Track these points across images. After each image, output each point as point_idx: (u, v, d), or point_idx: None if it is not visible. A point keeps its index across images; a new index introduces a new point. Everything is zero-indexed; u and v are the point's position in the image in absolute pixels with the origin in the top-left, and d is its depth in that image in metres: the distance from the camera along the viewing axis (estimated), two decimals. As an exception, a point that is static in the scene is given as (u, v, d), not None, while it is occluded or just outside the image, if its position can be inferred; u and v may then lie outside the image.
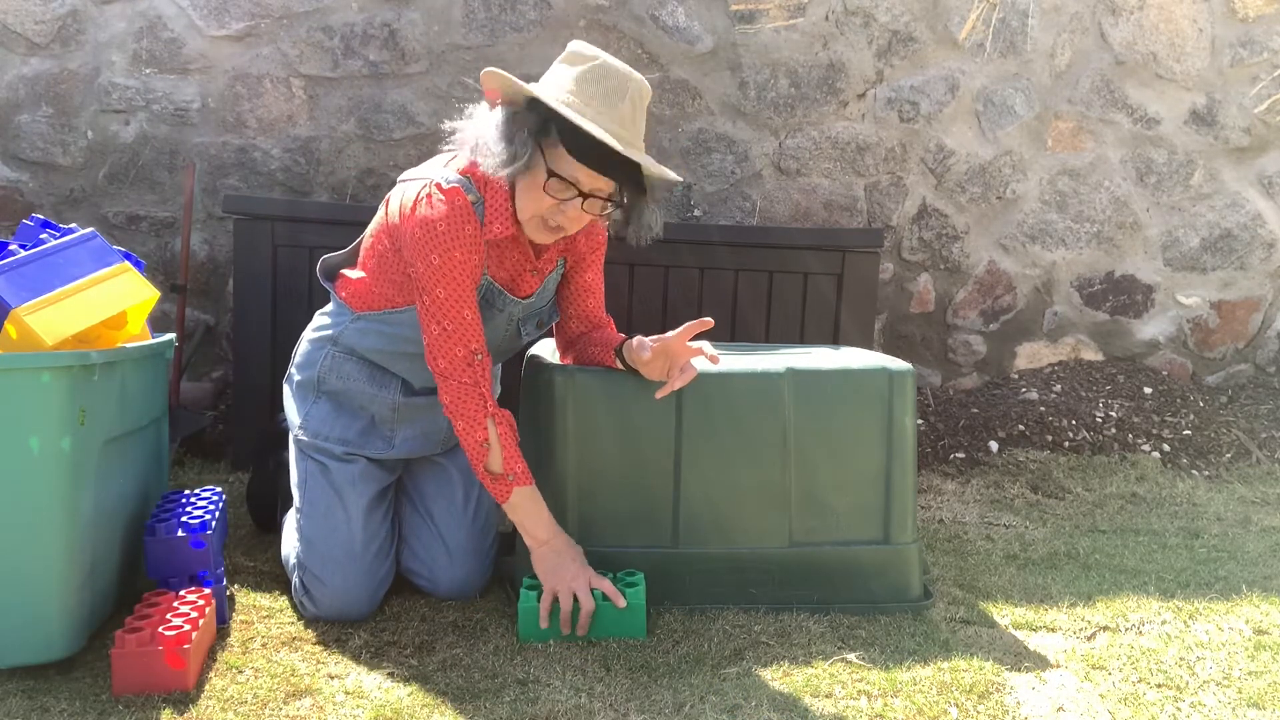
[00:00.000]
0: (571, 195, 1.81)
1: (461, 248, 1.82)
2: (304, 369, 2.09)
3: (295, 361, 2.13)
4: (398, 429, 2.05)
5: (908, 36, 3.65)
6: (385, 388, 2.03)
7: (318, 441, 2.03)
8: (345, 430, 2.03)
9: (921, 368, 3.76)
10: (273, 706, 1.58)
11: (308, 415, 2.06)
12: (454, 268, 1.83)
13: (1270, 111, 3.79)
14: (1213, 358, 3.91)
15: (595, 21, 3.51)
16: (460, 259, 1.83)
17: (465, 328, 1.85)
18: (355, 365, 2.03)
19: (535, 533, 1.88)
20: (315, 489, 2.00)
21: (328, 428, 2.03)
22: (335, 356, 2.04)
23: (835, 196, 3.69)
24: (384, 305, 1.98)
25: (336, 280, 2.10)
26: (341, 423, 2.04)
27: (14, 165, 3.41)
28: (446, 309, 1.84)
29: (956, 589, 2.20)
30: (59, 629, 1.62)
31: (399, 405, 2.04)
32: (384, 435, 2.05)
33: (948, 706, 1.62)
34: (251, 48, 3.43)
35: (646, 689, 1.66)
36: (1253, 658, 1.87)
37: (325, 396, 2.06)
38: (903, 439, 2.04)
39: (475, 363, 1.86)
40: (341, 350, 2.04)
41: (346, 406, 2.05)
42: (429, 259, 1.82)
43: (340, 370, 2.04)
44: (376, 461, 2.04)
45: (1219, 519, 2.86)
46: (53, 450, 1.59)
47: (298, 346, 2.15)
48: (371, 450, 2.03)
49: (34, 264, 1.76)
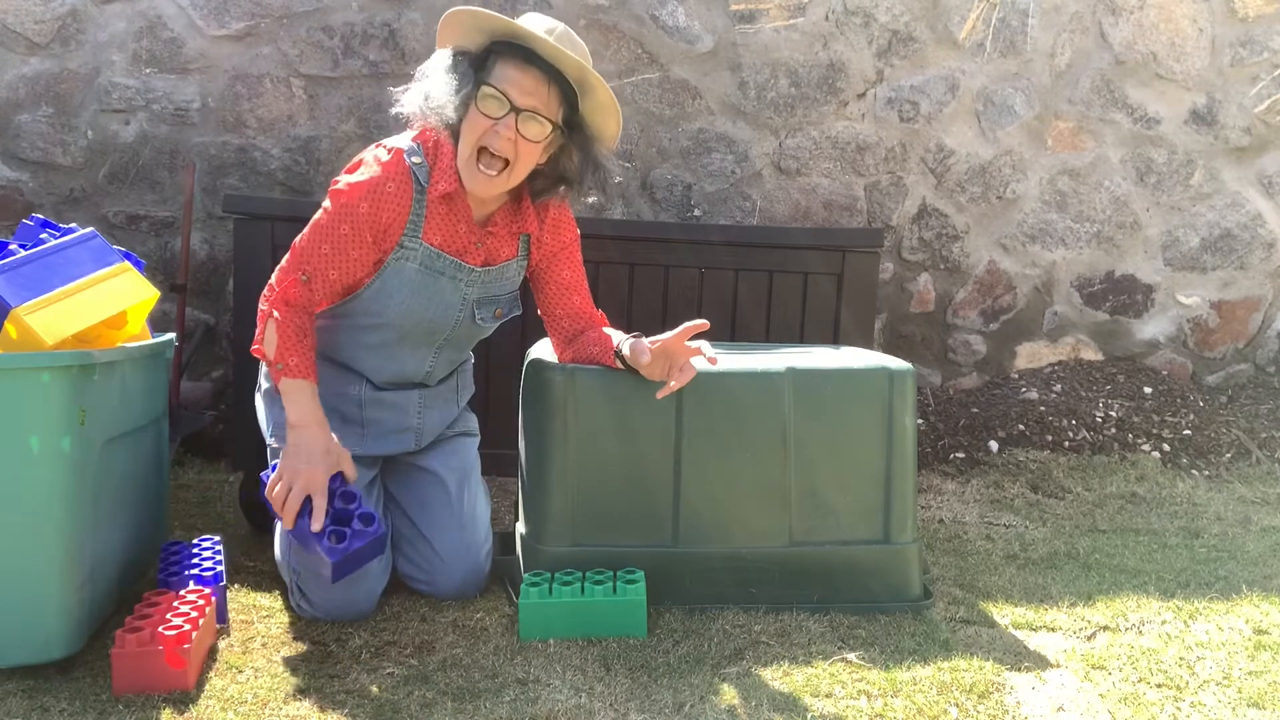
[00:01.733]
0: (505, 111, 1.83)
1: (370, 201, 1.88)
2: (269, 376, 2.09)
3: (262, 370, 2.14)
4: (367, 426, 2.06)
5: (908, 36, 3.65)
6: (349, 385, 2.05)
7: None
8: None
9: (921, 368, 3.76)
10: (273, 706, 1.58)
11: (277, 422, 2.05)
12: (348, 211, 1.88)
13: (1270, 111, 3.79)
14: (1213, 358, 3.91)
15: (595, 21, 3.51)
16: (364, 212, 1.88)
17: (311, 252, 1.91)
18: (320, 365, 2.02)
19: (290, 415, 1.88)
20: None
21: None
22: None
23: (835, 196, 3.69)
24: (341, 296, 1.99)
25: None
26: None
27: (14, 165, 3.41)
28: (311, 232, 1.91)
29: (956, 589, 2.20)
30: (59, 629, 1.62)
31: (365, 401, 2.05)
32: (355, 433, 2.05)
33: (948, 706, 1.62)
34: (251, 47, 3.43)
35: (646, 689, 1.66)
36: (1253, 658, 1.87)
37: None
38: (903, 439, 2.04)
39: (295, 278, 1.92)
40: None
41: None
42: (337, 191, 1.90)
43: None
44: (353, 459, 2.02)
45: (1219, 519, 2.86)
46: (53, 450, 1.59)
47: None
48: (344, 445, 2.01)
49: (34, 264, 1.76)
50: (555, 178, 1.98)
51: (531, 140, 1.86)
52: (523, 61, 1.84)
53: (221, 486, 2.83)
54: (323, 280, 1.92)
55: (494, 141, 1.85)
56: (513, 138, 1.84)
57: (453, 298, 1.99)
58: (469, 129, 1.86)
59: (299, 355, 1.89)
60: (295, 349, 1.89)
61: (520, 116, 1.83)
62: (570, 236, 2.09)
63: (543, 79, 1.84)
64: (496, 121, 1.83)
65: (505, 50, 1.86)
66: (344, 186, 1.91)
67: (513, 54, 1.85)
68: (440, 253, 1.95)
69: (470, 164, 1.87)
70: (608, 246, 2.88)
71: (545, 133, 1.87)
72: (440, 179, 1.92)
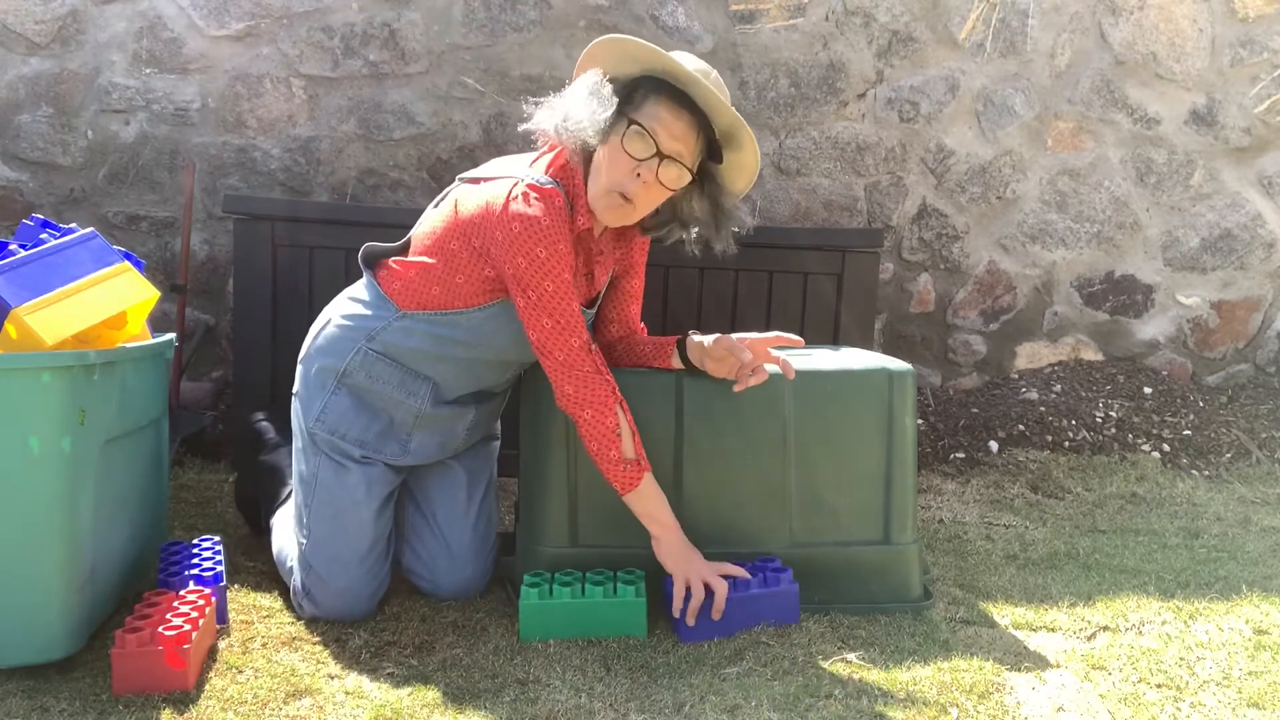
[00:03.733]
0: (650, 154, 1.77)
1: (565, 241, 1.79)
2: (328, 354, 1.97)
3: (317, 343, 2.00)
4: (414, 435, 1.99)
5: (908, 36, 3.65)
6: (413, 395, 1.96)
7: (335, 439, 1.95)
8: (364, 431, 1.96)
9: (921, 368, 3.76)
10: (273, 706, 1.58)
11: (326, 407, 1.96)
12: (559, 260, 1.79)
13: (1270, 111, 3.79)
14: (1213, 358, 3.91)
15: (595, 21, 3.51)
16: (565, 252, 1.79)
17: (575, 318, 1.82)
18: (387, 366, 1.94)
19: (663, 519, 1.87)
20: (329, 488, 1.94)
21: (346, 425, 1.95)
22: (368, 353, 1.94)
23: (835, 196, 3.69)
24: (438, 306, 1.91)
25: (379, 270, 2.00)
26: (361, 422, 1.96)
27: (14, 165, 3.41)
28: (555, 301, 1.79)
29: (956, 589, 2.20)
30: (59, 629, 1.62)
31: (423, 413, 1.97)
32: (400, 439, 1.98)
33: (948, 706, 1.62)
34: (251, 48, 3.43)
35: (646, 689, 1.66)
36: (1253, 658, 1.87)
37: (346, 390, 1.96)
38: (903, 439, 2.04)
39: (592, 351, 1.84)
40: (377, 348, 1.94)
41: (367, 404, 1.97)
42: (534, 253, 1.77)
43: (371, 369, 1.94)
44: (391, 465, 2.00)
45: (1219, 519, 2.86)
46: (53, 450, 1.59)
47: (322, 326, 2.02)
48: (388, 455, 1.98)
49: (34, 264, 1.76)
50: (671, 218, 1.94)
51: (669, 187, 1.82)
52: (676, 105, 1.78)
53: (221, 486, 2.83)
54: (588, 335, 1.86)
55: (630, 185, 1.79)
56: (652, 182, 1.80)
57: None
58: (610, 164, 1.80)
59: (642, 448, 1.88)
60: (640, 442, 1.87)
61: (664, 163, 1.78)
62: (647, 243, 2.07)
63: (693, 125, 1.79)
64: (640, 163, 1.78)
65: (656, 87, 1.79)
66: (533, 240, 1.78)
67: (665, 93, 1.78)
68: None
69: (610, 196, 1.82)
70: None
71: (684, 181, 1.83)
72: (579, 214, 1.86)
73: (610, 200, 1.82)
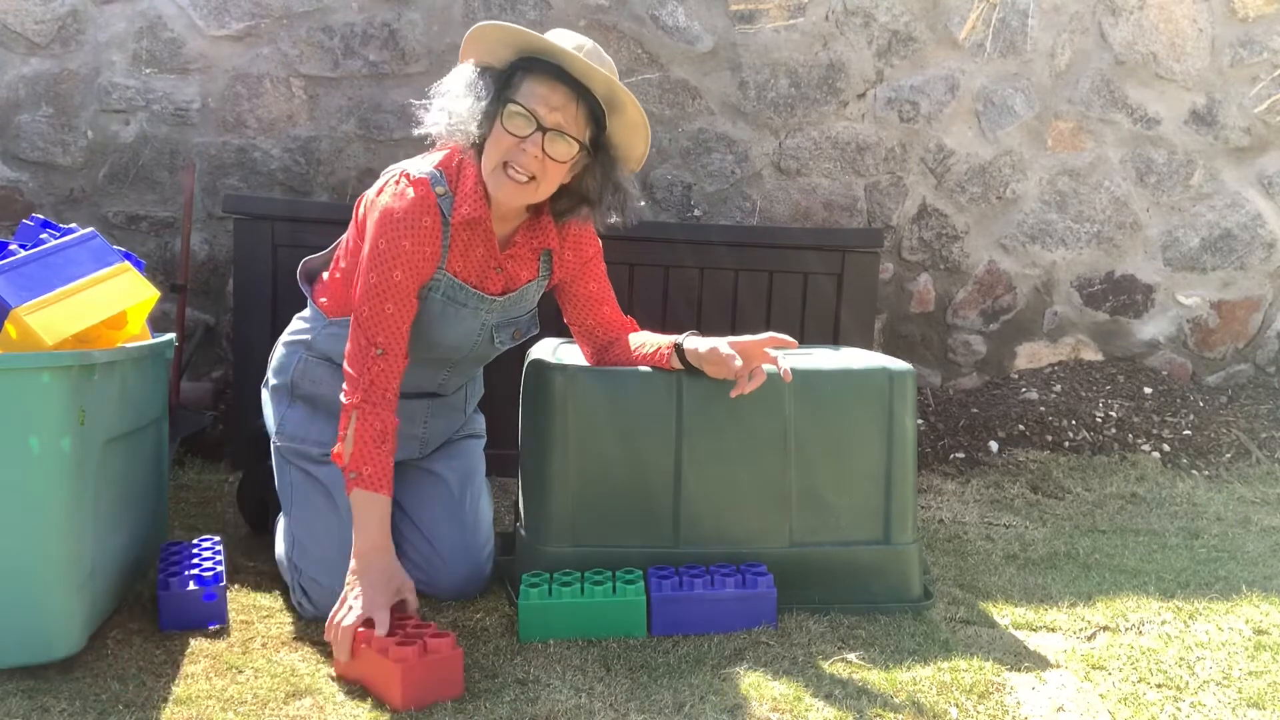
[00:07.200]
0: (531, 129, 1.78)
1: (411, 238, 1.81)
2: (279, 373, 2.10)
3: (271, 366, 2.13)
4: None
5: (908, 36, 3.65)
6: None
7: (295, 445, 2.04)
8: (321, 433, 2.02)
9: (921, 368, 3.76)
10: (273, 706, 1.58)
11: (283, 419, 2.06)
12: (395, 255, 1.81)
13: (1270, 111, 3.79)
14: (1213, 358, 3.91)
15: (595, 21, 3.51)
16: (409, 250, 1.81)
17: (377, 319, 1.82)
18: (327, 370, 2.04)
19: (357, 541, 1.78)
20: (301, 493, 2.01)
21: (304, 430, 2.04)
22: (308, 361, 2.06)
23: (835, 196, 3.69)
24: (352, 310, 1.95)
25: (315, 285, 2.11)
26: (318, 426, 2.04)
27: (14, 165, 3.41)
28: (370, 295, 1.82)
29: (956, 589, 2.20)
30: (59, 629, 1.62)
31: None
32: None
33: (948, 706, 1.62)
34: (251, 48, 3.43)
35: (646, 689, 1.66)
36: (1253, 658, 1.87)
37: (300, 401, 2.07)
38: (903, 439, 2.04)
39: (370, 356, 1.82)
40: (315, 355, 2.05)
41: (322, 409, 2.04)
42: (376, 243, 1.82)
43: (312, 375, 2.05)
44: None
45: (1219, 519, 2.86)
46: (53, 450, 1.59)
47: (274, 351, 2.15)
48: None
49: (34, 264, 1.76)
50: (579, 198, 1.94)
51: (558, 160, 1.81)
52: (551, 78, 1.79)
53: (221, 486, 2.83)
54: (398, 340, 1.83)
55: (519, 159, 1.79)
56: (539, 156, 1.79)
57: (471, 324, 1.97)
58: (494, 146, 1.81)
59: (375, 464, 1.79)
60: (372, 457, 1.79)
61: (547, 135, 1.79)
62: (593, 250, 2.06)
63: (571, 96, 1.80)
64: (523, 140, 1.79)
65: (532, 67, 1.81)
66: (379, 230, 1.82)
67: (541, 70, 1.80)
68: (462, 284, 1.91)
69: (498, 173, 1.82)
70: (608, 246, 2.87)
71: (572, 152, 1.83)
72: (463, 203, 1.86)
73: (498, 178, 1.82)
